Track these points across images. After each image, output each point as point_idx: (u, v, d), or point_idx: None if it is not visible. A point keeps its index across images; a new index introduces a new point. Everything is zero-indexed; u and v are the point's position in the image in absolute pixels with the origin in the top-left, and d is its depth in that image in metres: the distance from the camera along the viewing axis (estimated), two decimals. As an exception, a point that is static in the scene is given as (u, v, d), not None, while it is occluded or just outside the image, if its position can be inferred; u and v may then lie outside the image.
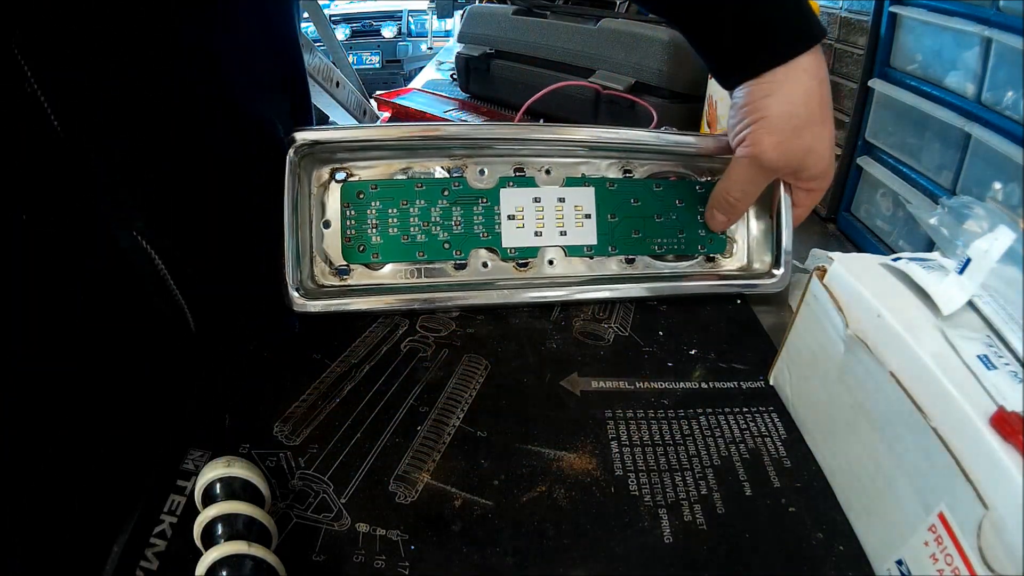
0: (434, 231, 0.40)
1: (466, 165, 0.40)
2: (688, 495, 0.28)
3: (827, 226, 0.55)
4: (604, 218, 0.41)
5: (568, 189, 0.41)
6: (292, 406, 0.32)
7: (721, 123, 0.59)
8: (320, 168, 0.39)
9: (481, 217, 0.40)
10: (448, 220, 0.40)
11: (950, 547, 0.21)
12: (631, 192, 0.41)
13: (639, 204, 0.41)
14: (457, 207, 0.40)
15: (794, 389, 0.33)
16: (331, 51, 0.85)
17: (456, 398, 0.33)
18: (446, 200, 0.40)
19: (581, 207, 0.41)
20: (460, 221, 0.40)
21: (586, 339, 0.38)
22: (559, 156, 0.41)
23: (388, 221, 0.39)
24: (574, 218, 0.41)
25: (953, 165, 0.41)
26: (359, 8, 3.21)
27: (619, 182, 0.41)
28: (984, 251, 0.26)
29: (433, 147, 0.40)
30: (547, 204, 0.41)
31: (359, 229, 0.39)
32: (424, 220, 0.40)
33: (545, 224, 0.40)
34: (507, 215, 0.40)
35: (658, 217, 0.41)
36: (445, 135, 0.41)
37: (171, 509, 0.26)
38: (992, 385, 0.22)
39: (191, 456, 0.28)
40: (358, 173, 0.40)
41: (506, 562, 0.25)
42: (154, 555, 0.24)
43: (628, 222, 0.41)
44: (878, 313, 0.26)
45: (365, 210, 0.39)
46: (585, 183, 0.41)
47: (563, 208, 0.41)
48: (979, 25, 0.38)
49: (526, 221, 0.40)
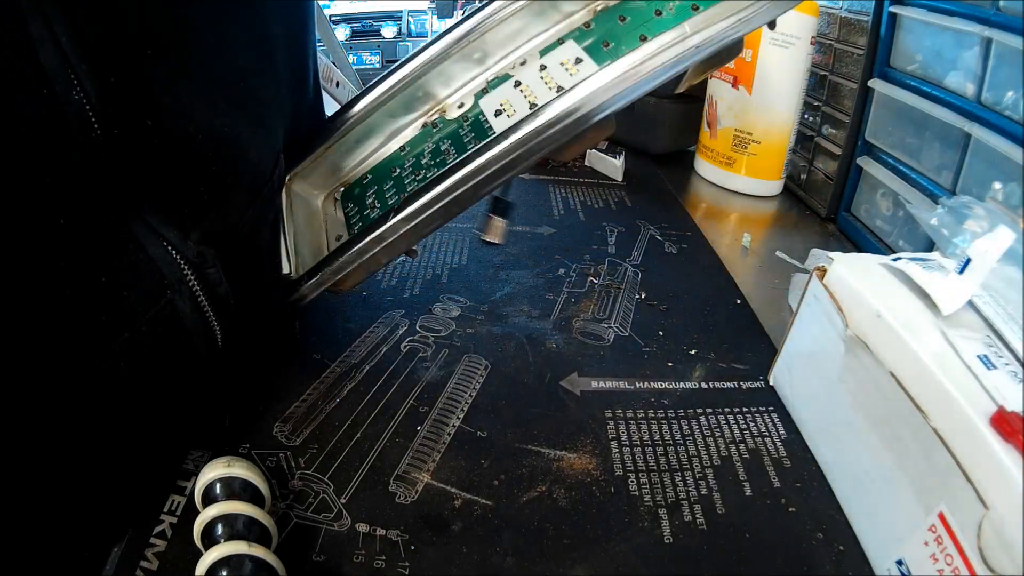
0: (429, 173, 0.36)
1: (443, 110, 0.38)
2: (688, 495, 0.28)
3: (827, 226, 0.55)
4: (598, 51, 0.34)
5: (546, 57, 0.36)
6: (292, 406, 0.32)
7: (722, 123, 0.60)
8: (320, 194, 0.39)
9: (471, 132, 0.36)
10: (439, 156, 0.37)
11: (950, 547, 0.21)
12: (613, 15, 0.35)
13: (629, 19, 0.35)
14: (445, 141, 0.37)
15: (794, 389, 0.33)
16: (331, 51, 0.85)
17: (456, 398, 0.33)
18: (432, 142, 0.38)
19: (567, 59, 0.35)
20: (452, 150, 0.36)
21: (586, 339, 0.38)
22: (523, 42, 0.36)
23: (385, 195, 0.38)
24: (565, 71, 0.34)
25: (953, 165, 0.41)
26: (359, 8, 3.20)
27: (595, 19, 0.36)
28: (984, 251, 0.26)
29: (397, 103, 0.38)
30: (530, 80, 0.35)
31: (362, 216, 0.38)
32: (417, 170, 0.37)
33: (537, 95, 0.34)
34: (493, 113, 0.35)
35: (658, 14, 0.34)
36: (400, 80, 0.37)
37: (171, 509, 0.26)
38: (992, 385, 0.22)
39: (191, 456, 0.28)
40: (350, 177, 0.39)
41: (506, 562, 0.25)
42: (154, 555, 0.24)
43: (629, 35, 0.34)
44: (878, 313, 0.26)
45: (364, 200, 0.39)
46: (560, 42, 0.36)
47: (548, 71, 0.35)
48: (979, 25, 0.38)
49: (515, 106, 0.35)
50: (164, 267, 0.24)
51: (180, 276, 0.25)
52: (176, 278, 0.25)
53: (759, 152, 0.58)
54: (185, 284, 0.25)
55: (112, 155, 0.21)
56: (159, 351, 0.25)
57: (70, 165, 0.20)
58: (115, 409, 0.23)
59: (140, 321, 0.23)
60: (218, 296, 0.26)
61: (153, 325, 0.24)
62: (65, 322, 0.21)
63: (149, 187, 0.23)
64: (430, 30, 3.16)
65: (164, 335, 0.25)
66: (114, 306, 0.22)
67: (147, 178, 0.23)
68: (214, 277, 0.26)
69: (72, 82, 0.20)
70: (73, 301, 0.21)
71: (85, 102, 0.20)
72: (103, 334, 0.22)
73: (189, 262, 0.25)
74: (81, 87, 0.20)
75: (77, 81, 0.20)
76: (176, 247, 0.24)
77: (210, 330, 0.26)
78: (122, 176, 0.22)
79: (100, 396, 0.22)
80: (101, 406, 0.23)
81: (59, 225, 0.20)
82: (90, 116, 0.20)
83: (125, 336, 0.23)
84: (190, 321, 0.25)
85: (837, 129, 0.54)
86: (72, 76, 0.19)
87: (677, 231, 0.52)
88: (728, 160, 0.60)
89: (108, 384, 0.23)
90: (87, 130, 0.20)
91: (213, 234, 0.26)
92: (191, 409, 0.28)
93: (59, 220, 0.20)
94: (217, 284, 0.26)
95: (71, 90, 0.20)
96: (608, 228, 0.52)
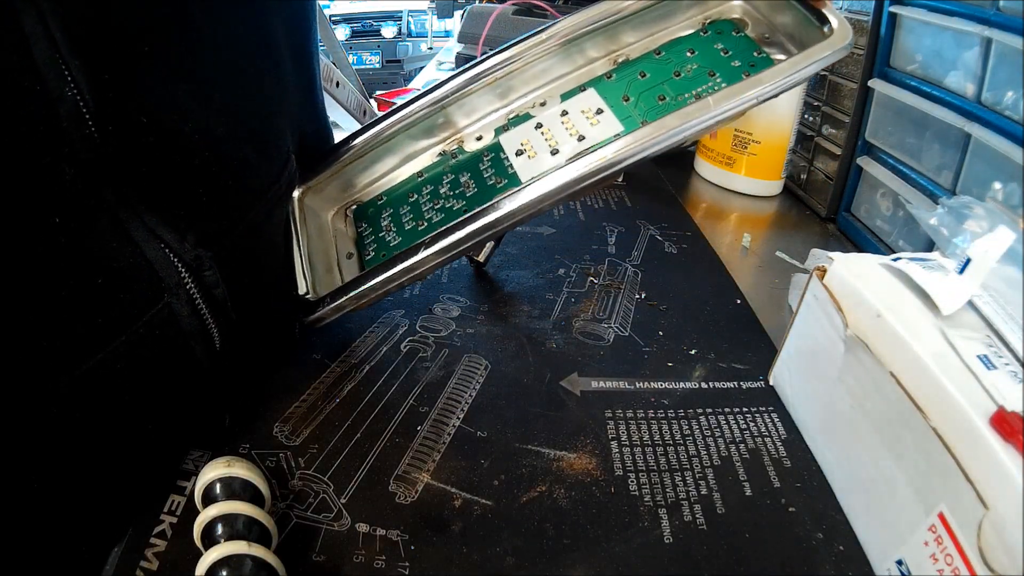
0: (448, 204, 0.37)
1: (461, 140, 0.39)
2: (688, 495, 0.28)
3: (827, 226, 0.55)
4: (618, 104, 0.36)
5: (567, 102, 0.37)
6: (292, 406, 0.32)
7: (721, 123, 0.60)
8: (330, 208, 0.40)
9: (491, 169, 0.37)
10: (458, 188, 0.38)
11: (950, 547, 0.21)
12: (634, 69, 0.37)
13: (648, 76, 0.36)
14: (464, 172, 0.38)
15: (794, 389, 0.33)
16: (331, 51, 0.85)
17: (456, 398, 0.33)
18: (451, 173, 0.39)
19: (589, 108, 0.36)
20: (471, 183, 0.38)
21: (586, 339, 0.38)
22: (546, 83, 0.38)
23: (402, 220, 0.38)
24: (586, 120, 0.36)
25: (953, 165, 0.41)
26: (359, 8, 3.20)
27: (616, 70, 0.37)
28: (984, 251, 0.26)
29: (417, 128, 0.39)
30: (551, 124, 0.37)
31: (377, 238, 0.39)
32: (435, 199, 0.38)
33: (558, 140, 0.36)
34: (515, 152, 0.36)
35: (677, 75, 0.36)
36: (419, 109, 0.38)
37: (171, 509, 0.26)
38: (992, 385, 0.22)
39: (191, 456, 0.28)
40: (363, 194, 0.40)
41: (506, 562, 0.25)
42: (154, 555, 0.24)
43: (648, 94, 0.36)
44: (878, 313, 0.26)
45: (379, 221, 0.39)
46: (582, 88, 0.37)
47: (569, 118, 0.36)
48: (979, 25, 0.38)
49: (536, 148, 0.36)
50: (161, 270, 0.24)
51: (178, 279, 0.24)
52: (173, 281, 0.24)
53: (759, 152, 0.58)
54: (182, 287, 0.25)
55: (107, 153, 0.21)
56: (156, 354, 0.24)
57: (64, 162, 0.20)
58: (113, 410, 0.23)
59: (137, 324, 0.23)
60: (215, 299, 0.26)
61: (150, 328, 0.24)
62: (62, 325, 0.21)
63: (145, 187, 0.23)
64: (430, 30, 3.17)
65: (161, 338, 0.24)
66: (111, 309, 0.22)
67: (143, 177, 0.23)
68: (211, 280, 0.26)
69: (65, 78, 0.19)
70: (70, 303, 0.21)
71: (79, 98, 0.20)
72: (100, 337, 0.22)
73: (186, 265, 0.25)
74: (75, 83, 0.20)
75: (71, 77, 0.20)
76: (173, 249, 0.24)
77: (208, 333, 0.26)
78: (118, 175, 0.22)
79: (99, 397, 0.22)
80: (99, 407, 0.23)
81: (54, 225, 0.20)
82: (84, 113, 0.20)
83: (122, 339, 0.23)
84: (187, 324, 0.25)
85: (837, 129, 0.54)
86: (66, 71, 0.19)
87: (677, 231, 0.52)
88: (728, 160, 0.60)
89: (106, 386, 0.23)
90: (81, 127, 0.20)
91: (211, 236, 0.26)
92: (190, 410, 0.28)
93: (54, 219, 0.20)
94: (214, 286, 0.26)
95: (64, 86, 0.19)
96: (608, 228, 0.52)
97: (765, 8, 0.36)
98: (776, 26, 0.36)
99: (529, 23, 0.73)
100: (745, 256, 0.50)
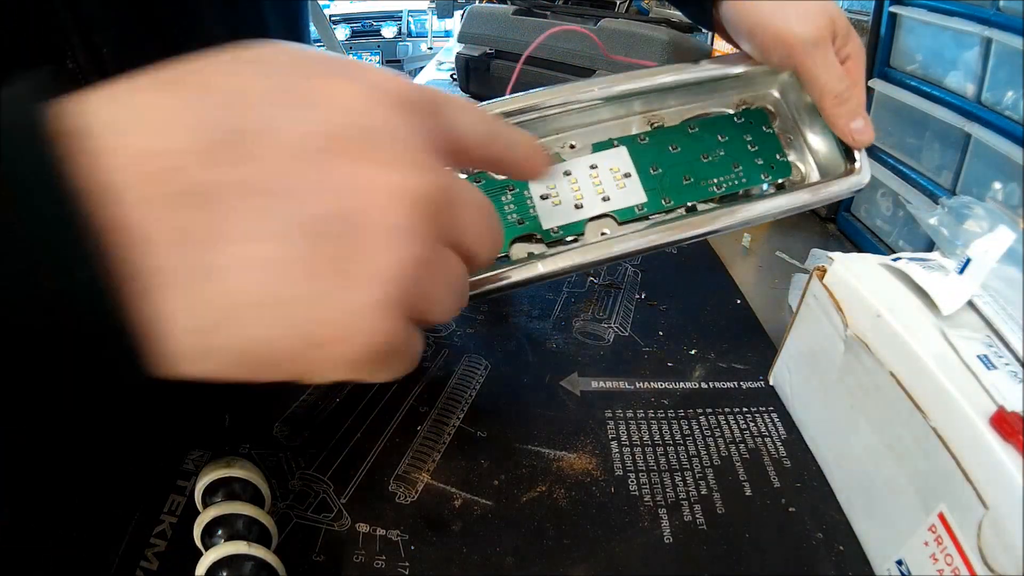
0: None
1: None
2: (688, 495, 0.28)
3: (827, 226, 0.55)
4: (646, 172, 0.36)
5: (598, 155, 0.37)
6: (292, 406, 0.32)
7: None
8: None
9: (512, 205, 0.36)
10: None
11: (950, 547, 0.21)
12: (667, 140, 0.37)
13: (679, 150, 0.37)
14: None
15: (794, 389, 0.33)
16: (331, 51, 0.85)
17: (456, 398, 0.33)
18: None
19: (617, 168, 0.36)
20: None
21: (586, 339, 0.38)
22: (577, 126, 0.37)
23: None
24: (613, 180, 0.36)
25: (953, 165, 0.41)
26: (359, 8, 3.21)
27: (650, 134, 0.37)
28: (984, 251, 0.26)
29: None
30: (579, 175, 0.37)
31: None
32: None
33: (584, 195, 0.36)
34: (539, 196, 0.36)
35: (705, 157, 0.37)
36: None
37: (171, 509, 0.26)
38: (992, 385, 0.22)
39: (191, 456, 0.28)
40: None
41: (506, 562, 0.25)
42: (154, 555, 0.24)
43: (675, 170, 0.36)
44: (878, 313, 0.26)
45: None
46: (614, 144, 0.37)
47: (598, 174, 0.36)
48: (979, 25, 0.38)
49: (562, 196, 0.36)
50: None
51: None
52: None
53: (759, 152, 0.58)
54: None
55: None
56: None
57: None
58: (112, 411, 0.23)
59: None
60: None
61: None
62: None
63: None
64: (430, 30, 3.17)
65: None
66: None
67: None
68: None
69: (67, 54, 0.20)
70: None
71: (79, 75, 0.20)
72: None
73: None
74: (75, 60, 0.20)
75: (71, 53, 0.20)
76: None
77: None
78: None
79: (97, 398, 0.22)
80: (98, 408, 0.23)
81: None
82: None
83: None
84: None
85: (837, 129, 0.54)
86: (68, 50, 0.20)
87: (677, 231, 0.52)
88: (728, 160, 0.60)
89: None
90: None
91: None
92: (190, 411, 0.28)
93: None
94: None
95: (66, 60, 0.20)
96: (608, 228, 0.52)
97: (801, 120, 0.38)
98: (808, 143, 0.37)
99: (529, 23, 0.72)
100: (745, 256, 0.50)
